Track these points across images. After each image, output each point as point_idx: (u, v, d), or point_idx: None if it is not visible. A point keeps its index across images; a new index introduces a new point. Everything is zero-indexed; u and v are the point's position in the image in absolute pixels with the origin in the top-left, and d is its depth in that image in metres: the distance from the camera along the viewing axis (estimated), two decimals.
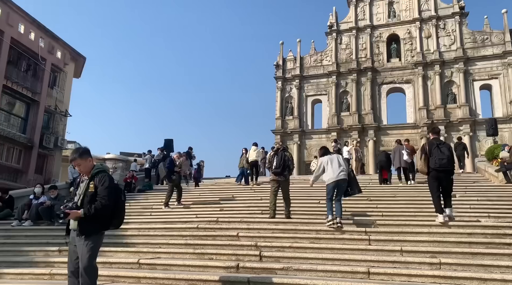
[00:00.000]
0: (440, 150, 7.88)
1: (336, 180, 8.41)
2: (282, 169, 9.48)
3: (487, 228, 7.63)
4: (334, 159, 8.76)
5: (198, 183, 17.94)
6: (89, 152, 4.68)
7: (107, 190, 4.36)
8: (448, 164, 7.91)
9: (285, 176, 9.57)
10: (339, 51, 36.52)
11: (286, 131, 35.82)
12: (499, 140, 26.28)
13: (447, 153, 7.92)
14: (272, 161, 9.68)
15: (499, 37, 31.78)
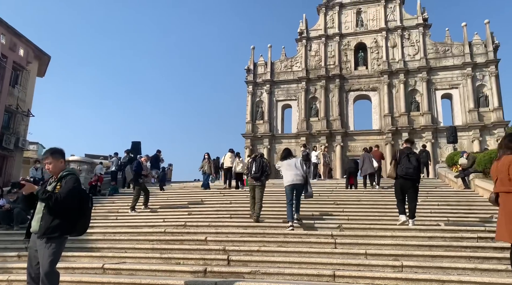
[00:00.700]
0: (409, 160, 8.41)
1: (292, 184, 8.91)
2: (260, 174, 9.91)
3: (446, 231, 7.98)
4: (291, 163, 9.16)
5: (163, 186, 17.68)
6: (63, 153, 4.59)
7: (68, 189, 4.25)
8: (414, 173, 8.41)
9: (262, 181, 9.98)
10: (309, 58, 37.15)
11: (256, 136, 35.97)
12: (459, 147, 27.55)
13: (415, 163, 8.42)
14: (251, 166, 10.11)
15: (459, 49, 33.36)
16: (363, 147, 31.44)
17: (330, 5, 37.85)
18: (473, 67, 32.26)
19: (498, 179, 4.91)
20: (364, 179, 15.77)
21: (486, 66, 32.10)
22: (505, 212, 4.73)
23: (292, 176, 8.96)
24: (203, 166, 17.57)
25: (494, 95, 31.32)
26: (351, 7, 37.49)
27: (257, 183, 9.88)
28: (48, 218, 4.22)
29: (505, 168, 4.77)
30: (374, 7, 36.80)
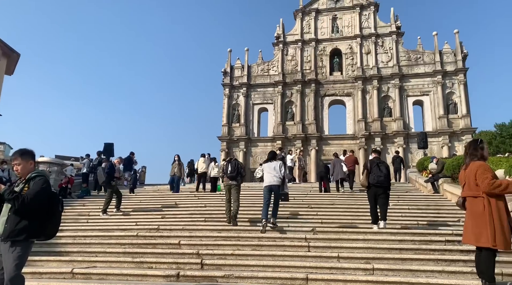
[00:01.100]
0: (379, 168, 8.94)
1: (268, 185, 9.21)
2: (236, 173, 10.26)
3: (415, 235, 8.19)
4: (271, 166, 9.41)
5: (133, 189, 17.33)
6: (33, 155, 4.45)
7: (35, 191, 4.12)
8: (385, 181, 8.93)
9: (238, 181, 10.31)
10: (285, 62, 37.47)
11: (232, 138, 35.92)
12: (429, 153, 28.38)
13: (385, 171, 8.96)
14: (226, 168, 10.48)
15: (430, 57, 34.45)
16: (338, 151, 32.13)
17: (306, 10, 38.35)
18: (443, 75, 33.39)
19: (465, 184, 5.12)
20: (337, 183, 16.07)
21: (455, 74, 33.29)
22: (471, 215, 4.91)
23: (270, 178, 9.25)
24: (172, 168, 17.30)
25: (462, 103, 32.49)
26: (327, 13, 38.12)
27: (233, 182, 10.17)
28: (13, 220, 4.07)
29: (472, 173, 4.97)
30: (350, 14, 37.54)
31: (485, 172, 4.87)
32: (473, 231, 4.85)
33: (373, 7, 37.02)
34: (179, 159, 17.66)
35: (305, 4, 38.70)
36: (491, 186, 4.75)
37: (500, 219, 4.73)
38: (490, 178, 4.81)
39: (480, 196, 4.87)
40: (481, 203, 4.84)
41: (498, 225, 4.68)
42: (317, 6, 38.38)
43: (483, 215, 4.78)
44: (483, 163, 5.03)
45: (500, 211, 4.76)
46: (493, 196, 4.80)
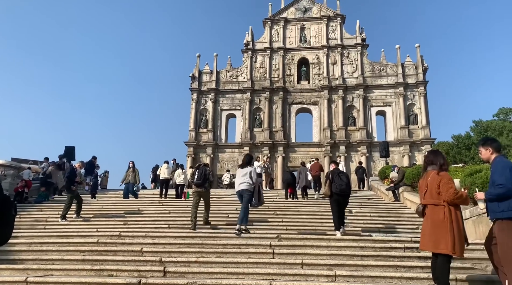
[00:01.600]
0: (340, 178, 9.45)
1: (237, 190, 9.58)
2: (203, 180, 10.50)
3: (376, 242, 8.42)
4: (243, 171, 9.68)
5: (94, 194, 16.80)
6: None
7: None
8: (347, 189, 9.45)
9: (206, 188, 10.61)
10: (254, 69, 37.74)
11: (199, 144, 35.64)
12: (390, 161, 29.35)
13: (346, 180, 9.50)
14: (194, 174, 10.80)
15: (393, 69, 35.80)
16: (304, 158, 32.62)
17: (275, 19, 38.90)
18: (405, 87, 34.76)
19: (427, 192, 5.29)
20: (302, 191, 16.38)
21: (416, 86, 34.74)
22: (431, 223, 5.10)
23: (239, 183, 9.51)
24: (127, 175, 16.84)
25: (422, 114, 33.91)
26: (295, 23, 38.83)
27: (201, 189, 10.47)
28: None
29: (435, 182, 5.17)
30: (317, 25, 38.42)
31: (449, 182, 5.10)
32: (431, 238, 5.02)
33: (340, 19, 38.09)
34: (134, 165, 17.22)
35: (274, 13, 39.27)
36: (455, 195, 4.97)
37: (459, 228, 4.96)
38: (454, 188, 5.04)
39: (441, 204, 5.06)
40: (442, 211, 5.03)
41: (457, 232, 4.91)
42: (285, 16, 39.03)
43: (444, 222, 4.97)
44: (447, 173, 5.25)
45: (458, 220, 5.00)
46: (453, 205, 5.02)
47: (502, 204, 4.95)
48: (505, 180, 4.88)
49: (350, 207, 13.01)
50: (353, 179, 32.28)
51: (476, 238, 8.19)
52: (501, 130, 49.16)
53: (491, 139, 5.45)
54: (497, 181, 4.95)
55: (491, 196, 5.02)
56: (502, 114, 55.59)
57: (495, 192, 4.98)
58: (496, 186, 4.96)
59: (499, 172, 4.97)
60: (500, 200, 4.95)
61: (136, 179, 17.06)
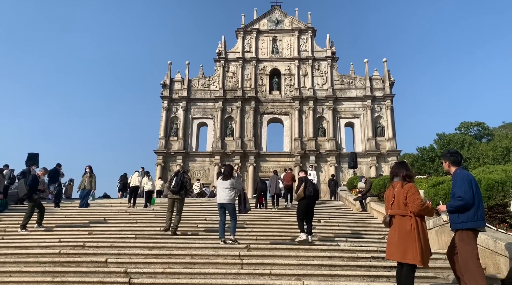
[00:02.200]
0: (312, 184, 10.12)
1: (220, 203, 9.49)
2: (179, 188, 10.70)
3: (344, 251, 8.53)
4: (225, 183, 9.56)
5: (58, 203, 16.16)
6: None
7: None
8: (316, 195, 10.12)
9: (181, 195, 10.79)
10: (226, 79, 37.80)
11: (169, 152, 35.13)
12: (358, 172, 29.98)
13: (314, 186, 10.22)
14: (172, 181, 10.97)
15: (361, 82, 36.79)
16: (274, 168, 32.78)
17: (248, 30, 39.25)
18: (373, 100, 35.76)
19: (394, 203, 5.38)
20: (272, 199, 16.43)
21: (383, 99, 35.81)
22: (399, 233, 5.17)
23: (221, 196, 9.47)
24: (83, 181, 16.28)
25: (389, 126, 34.93)
26: (267, 34, 39.33)
27: (176, 196, 10.65)
28: None
29: (403, 193, 5.26)
30: (289, 37, 39.06)
31: (416, 194, 5.20)
32: (398, 248, 5.09)
33: (311, 32, 38.89)
34: (91, 170, 16.62)
35: (247, 23, 39.63)
36: (421, 207, 5.07)
37: (425, 238, 5.08)
38: (421, 199, 5.15)
39: (408, 215, 5.15)
40: (409, 222, 5.13)
41: (424, 243, 5.02)
42: (258, 27, 39.48)
43: (411, 233, 5.06)
44: (413, 185, 5.36)
45: (424, 230, 5.12)
46: (419, 216, 5.13)
47: (462, 215, 5.17)
48: (464, 193, 5.11)
49: (319, 216, 13.20)
50: (323, 189, 32.86)
51: (439, 247, 8.46)
52: (462, 143, 51.38)
53: (451, 152, 5.66)
54: (457, 193, 5.17)
55: (452, 208, 5.24)
56: (463, 128, 58.23)
57: (455, 204, 5.19)
58: (456, 199, 5.18)
59: (458, 184, 5.20)
60: (460, 211, 5.17)
61: (92, 185, 16.43)
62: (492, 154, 43.75)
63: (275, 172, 18.04)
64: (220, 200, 9.47)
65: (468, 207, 5.12)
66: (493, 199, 7.98)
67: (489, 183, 8.08)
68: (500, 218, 7.90)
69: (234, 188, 9.56)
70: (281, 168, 32.76)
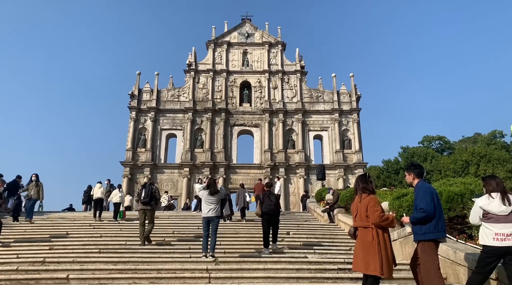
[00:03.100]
0: (270, 199, 10.42)
1: (206, 217, 9.42)
2: (150, 199, 11.12)
3: (312, 263, 8.60)
4: (212, 198, 9.54)
5: (17, 217, 15.31)
6: None
7: None
8: (275, 209, 10.36)
9: (152, 205, 11.21)
10: (197, 90, 37.66)
11: (136, 164, 34.38)
12: (326, 184, 30.42)
13: (274, 200, 10.47)
14: (141, 193, 11.28)
15: (329, 96, 37.63)
16: (244, 179, 32.82)
17: (218, 42, 39.45)
18: (340, 114, 36.61)
19: (357, 215, 5.52)
20: (241, 212, 16.39)
21: (350, 113, 36.74)
22: (362, 244, 5.30)
23: (207, 209, 9.44)
24: (28, 189, 15.45)
25: (356, 139, 35.80)
26: (238, 47, 39.67)
27: (147, 207, 11.07)
28: None
29: (364, 205, 5.39)
30: (259, 50, 39.56)
31: (375, 205, 5.32)
32: (363, 259, 5.21)
33: (281, 46, 39.56)
34: (37, 178, 15.77)
35: (218, 36, 39.82)
36: (380, 218, 5.19)
37: (386, 249, 5.17)
38: (380, 211, 5.26)
39: (369, 226, 5.27)
40: (370, 233, 5.24)
41: (384, 254, 5.12)
42: (229, 39, 39.76)
43: (372, 244, 5.18)
44: (374, 197, 5.49)
45: (386, 242, 5.23)
46: (380, 228, 5.25)
47: (424, 227, 5.36)
48: (426, 205, 5.31)
49: (288, 228, 13.27)
50: (292, 201, 33.09)
51: (403, 258, 8.68)
52: (425, 156, 53.32)
53: (414, 165, 5.89)
54: (419, 206, 5.37)
55: (414, 220, 5.42)
56: (426, 142, 60.46)
57: (417, 216, 5.38)
58: (418, 210, 5.37)
59: (421, 197, 5.41)
60: (422, 223, 5.36)
61: (39, 194, 15.59)
62: (453, 167, 45.63)
63: (242, 186, 18.27)
64: (207, 214, 9.41)
65: (430, 218, 5.31)
66: (453, 211, 8.31)
67: (449, 195, 8.42)
68: (460, 229, 8.23)
69: (219, 202, 9.65)
70: (251, 180, 33.06)
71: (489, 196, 5.16)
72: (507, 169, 41.60)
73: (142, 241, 10.61)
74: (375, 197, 5.54)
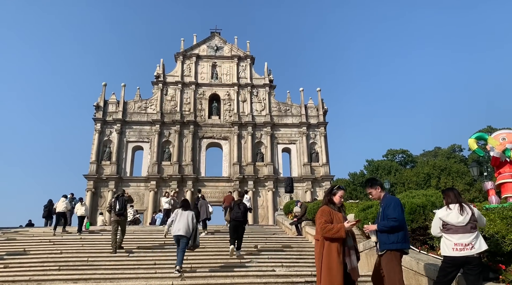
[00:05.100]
0: (239, 207, 11.47)
1: (177, 235, 9.29)
2: (124, 209, 12.18)
3: (279, 277, 8.58)
4: (183, 214, 9.49)
5: None
6: None
7: None
8: (241, 217, 11.36)
9: (124, 216, 12.29)
10: (164, 102, 37.23)
11: (101, 177, 33.33)
12: (294, 197, 30.62)
13: (242, 209, 11.47)
14: (115, 205, 12.17)
15: (297, 109, 38.22)
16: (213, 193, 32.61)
17: (187, 54, 39.36)
18: (308, 127, 37.20)
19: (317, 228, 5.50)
20: (203, 223, 16.38)
21: (317, 127, 37.41)
22: (315, 258, 5.32)
23: (178, 228, 9.28)
24: None
25: (323, 153, 36.41)
26: (207, 59, 39.73)
27: (121, 218, 12.06)
28: None
29: (316, 218, 5.43)
30: (228, 63, 39.77)
31: (320, 217, 5.27)
32: (317, 273, 5.27)
33: (249, 60, 39.95)
34: None
35: (186, 48, 39.74)
36: (323, 230, 5.14)
37: (329, 261, 5.05)
38: (323, 222, 5.18)
39: (318, 239, 5.29)
40: (317, 246, 5.27)
41: (325, 267, 5.04)
42: (198, 52, 39.76)
43: (318, 257, 5.21)
44: (322, 207, 5.46)
45: (331, 253, 5.09)
46: (328, 239, 5.16)
47: (392, 236, 5.48)
48: (398, 215, 5.48)
49: (255, 241, 13.21)
50: (260, 214, 33.00)
51: (369, 270, 8.80)
52: (389, 169, 54.90)
53: (376, 179, 6.14)
54: (391, 215, 5.49)
55: (385, 228, 5.51)
56: (390, 155, 62.33)
57: (388, 224, 5.48)
58: (389, 219, 5.48)
59: (393, 207, 5.55)
60: (391, 232, 5.49)
61: None
62: (415, 179, 47.15)
63: (203, 197, 18.43)
64: (177, 232, 9.26)
65: (400, 228, 5.48)
66: (416, 222, 8.55)
67: (412, 207, 8.67)
68: (422, 240, 8.46)
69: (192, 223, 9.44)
70: (220, 193, 32.79)
71: (447, 208, 5.36)
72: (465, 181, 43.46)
73: (114, 249, 11.34)
74: (324, 207, 5.44)
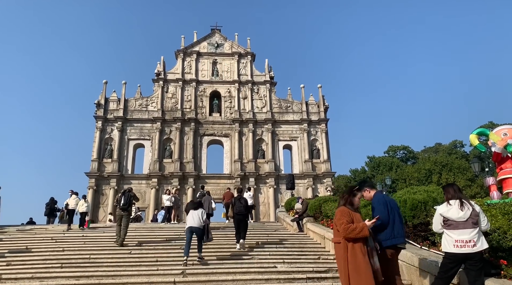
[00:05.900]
0: (240, 202, 12.20)
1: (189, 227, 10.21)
2: (128, 205, 12.60)
3: (281, 273, 8.60)
4: (194, 213, 10.39)
5: None
6: None
7: None
8: (244, 210, 11.98)
9: (128, 211, 12.68)
10: (165, 99, 37.22)
11: (102, 175, 33.40)
12: (296, 193, 30.67)
13: (244, 203, 12.21)
14: (120, 200, 12.70)
15: (298, 106, 38.17)
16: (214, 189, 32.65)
17: (188, 52, 39.30)
18: (309, 124, 37.17)
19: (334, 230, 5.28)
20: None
21: (318, 123, 37.37)
22: (337, 261, 5.14)
23: (191, 220, 10.26)
24: None
25: (324, 149, 36.39)
26: (207, 57, 39.66)
27: (124, 213, 12.44)
28: None
29: (335, 219, 5.20)
30: (229, 60, 39.70)
31: (341, 218, 5.00)
32: (340, 277, 5.01)
33: (250, 57, 39.86)
34: None
35: (187, 45, 39.67)
36: (346, 230, 4.86)
37: (356, 264, 4.79)
38: (345, 222, 4.91)
39: (340, 241, 5.00)
40: (340, 249, 4.99)
41: (353, 270, 4.78)
42: (198, 49, 39.69)
43: (341, 261, 4.95)
44: (341, 208, 5.20)
45: (356, 255, 4.83)
46: (350, 241, 4.89)
47: (381, 234, 5.59)
48: (380, 213, 5.56)
49: (257, 238, 13.24)
50: (261, 211, 33.04)
51: None
52: (391, 166, 54.90)
53: (364, 181, 6.29)
54: (374, 215, 5.59)
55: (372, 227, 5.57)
56: (391, 152, 62.32)
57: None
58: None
59: (376, 206, 5.70)
60: (381, 230, 5.55)
61: None
62: (417, 176, 47.17)
63: (208, 193, 18.91)
64: (190, 224, 10.20)
65: (385, 225, 5.53)
66: (417, 218, 8.55)
67: (413, 203, 8.67)
68: (423, 236, 8.47)
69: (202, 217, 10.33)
70: (221, 190, 32.81)
71: (448, 203, 5.36)
72: (467, 177, 43.46)
73: (119, 241, 11.89)
74: (343, 208, 5.19)
